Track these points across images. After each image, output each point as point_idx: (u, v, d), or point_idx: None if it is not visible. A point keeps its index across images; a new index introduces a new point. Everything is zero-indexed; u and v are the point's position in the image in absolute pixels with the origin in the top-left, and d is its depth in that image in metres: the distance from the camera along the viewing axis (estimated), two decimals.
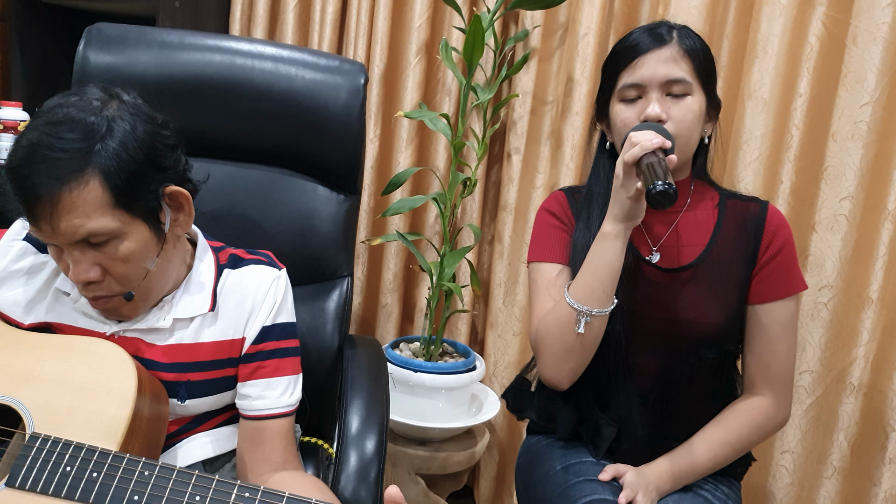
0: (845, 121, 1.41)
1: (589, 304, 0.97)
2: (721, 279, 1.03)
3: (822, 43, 1.42)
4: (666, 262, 1.05)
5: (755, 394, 1.06)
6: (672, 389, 1.04)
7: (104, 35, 1.20)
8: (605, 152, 1.10)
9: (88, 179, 0.77)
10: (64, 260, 0.83)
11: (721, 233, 1.05)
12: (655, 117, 0.98)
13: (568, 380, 1.03)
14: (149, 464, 0.77)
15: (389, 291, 1.93)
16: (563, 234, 1.09)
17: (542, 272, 1.08)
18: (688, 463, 1.02)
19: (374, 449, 1.05)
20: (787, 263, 1.05)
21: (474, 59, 1.57)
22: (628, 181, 0.92)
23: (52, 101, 0.82)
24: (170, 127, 0.87)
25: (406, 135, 1.86)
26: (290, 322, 0.98)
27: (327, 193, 1.26)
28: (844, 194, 1.42)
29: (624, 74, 1.01)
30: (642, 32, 1.02)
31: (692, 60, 1.00)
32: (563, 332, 0.99)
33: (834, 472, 1.45)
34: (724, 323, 1.02)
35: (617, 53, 1.04)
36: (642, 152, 0.90)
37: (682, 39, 1.00)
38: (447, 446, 1.67)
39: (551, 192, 1.17)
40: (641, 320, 1.02)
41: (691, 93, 1.00)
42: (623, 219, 0.95)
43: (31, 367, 0.84)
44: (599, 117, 1.10)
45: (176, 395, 0.92)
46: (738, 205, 1.08)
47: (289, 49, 1.25)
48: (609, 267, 0.97)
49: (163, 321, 0.91)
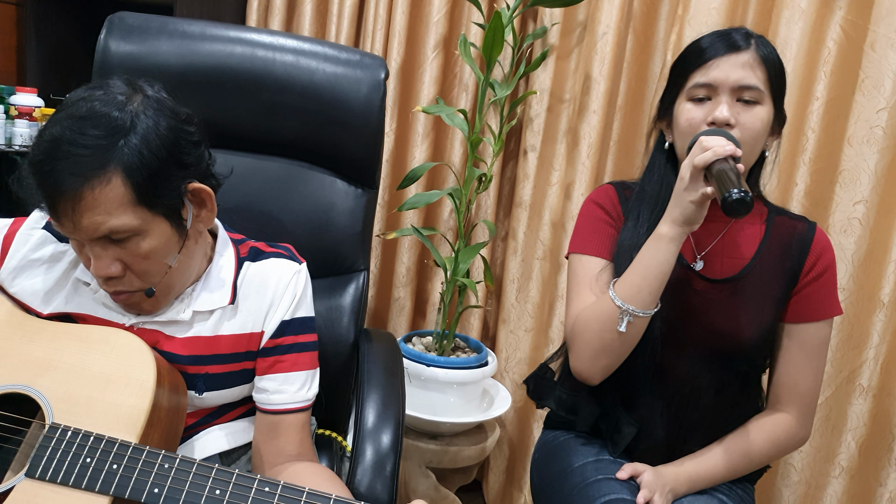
0: (861, 125, 1.41)
1: (634, 303, 0.96)
2: (761, 294, 1.03)
3: (840, 47, 1.42)
4: (709, 271, 1.04)
5: (779, 410, 1.06)
6: (698, 397, 1.04)
7: (126, 24, 1.20)
8: (663, 152, 1.07)
9: (111, 177, 0.77)
10: (85, 254, 0.83)
11: (766, 248, 1.05)
12: (724, 121, 0.96)
13: (600, 376, 1.03)
14: (168, 456, 0.77)
15: (402, 285, 1.94)
16: (610, 230, 1.08)
17: (585, 265, 1.07)
18: (706, 469, 1.03)
19: (390, 443, 1.05)
20: (828, 287, 1.04)
21: (493, 55, 1.57)
22: (694, 185, 0.90)
23: (75, 94, 0.81)
24: (194, 122, 0.86)
25: (422, 129, 1.86)
26: (309, 316, 0.98)
27: (346, 187, 1.26)
28: (858, 198, 1.42)
29: (696, 74, 0.99)
30: (717, 36, 1.00)
31: (767, 69, 0.98)
32: (603, 329, 0.99)
33: (841, 471, 1.46)
34: (758, 338, 1.02)
35: (690, 53, 1.02)
36: (714, 157, 0.88)
37: (759, 47, 0.98)
38: (458, 441, 1.67)
39: (599, 185, 1.16)
40: (678, 326, 1.02)
41: (762, 102, 0.98)
42: (682, 223, 0.93)
43: (51, 357, 0.83)
44: (661, 116, 1.08)
45: (194, 388, 0.92)
46: (786, 222, 1.08)
47: (310, 42, 1.25)
48: (660, 269, 0.95)
49: (183, 314, 0.91)
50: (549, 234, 1.79)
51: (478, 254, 1.73)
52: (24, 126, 1.98)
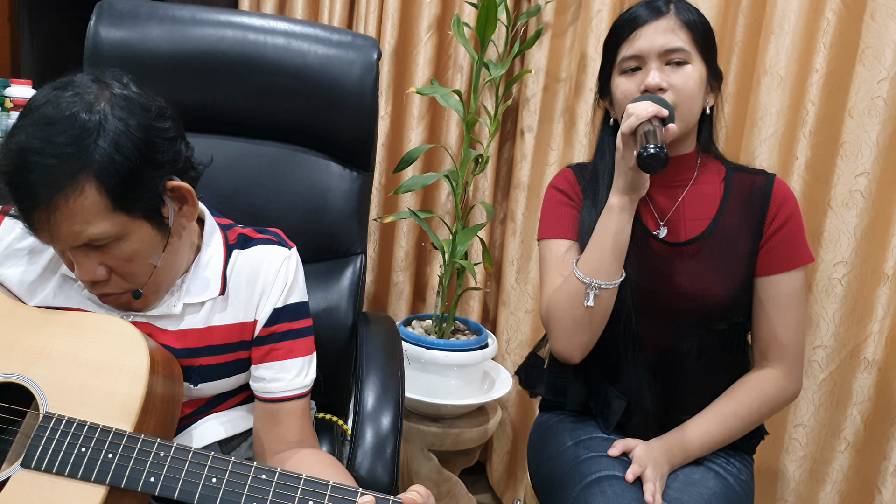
0: (862, 96, 1.39)
1: (597, 276, 0.98)
2: (727, 252, 1.04)
3: (839, 18, 1.40)
4: (673, 236, 1.06)
5: (765, 366, 1.06)
6: (682, 363, 1.05)
7: (115, 10, 1.19)
8: (608, 129, 1.10)
9: (84, 185, 0.73)
10: (67, 257, 0.81)
11: (727, 206, 1.06)
12: (655, 86, 0.98)
13: (579, 353, 1.04)
14: (164, 445, 0.77)
15: (401, 269, 1.94)
16: (572, 211, 1.10)
17: (552, 249, 1.09)
18: (698, 436, 1.03)
19: (390, 425, 1.06)
20: (794, 235, 1.05)
21: (487, 34, 1.56)
22: (628, 152, 0.94)
23: (41, 95, 0.76)
24: (167, 115, 0.82)
25: (417, 111, 1.85)
26: (302, 301, 0.97)
27: (340, 170, 1.25)
28: (860, 170, 1.41)
29: (623, 47, 1.02)
30: (640, 6, 1.02)
31: (690, 31, 1.00)
32: (573, 306, 1.00)
33: (847, 446, 1.46)
34: (731, 295, 1.03)
35: (615, 28, 1.05)
36: (638, 121, 0.91)
37: (680, 12, 1.01)
38: (460, 423, 1.68)
39: (560, 170, 1.17)
40: (650, 294, 1.03)
41: (690, 61, 1.00)
42: (627, 190, 0.96)
43: (43, 345, 0.82)
44: (602, 94, 1.10)
45: (189, 380, 0.91)
46: (745, 178, 1.08)
47: (301, 24, 1.24)
48: (616, 239, 0.98)
49: (173, 307, 0.89)
50: None
51: (476, 236, 1.72)
52: None
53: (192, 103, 1.17)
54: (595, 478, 0.98)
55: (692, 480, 1.01)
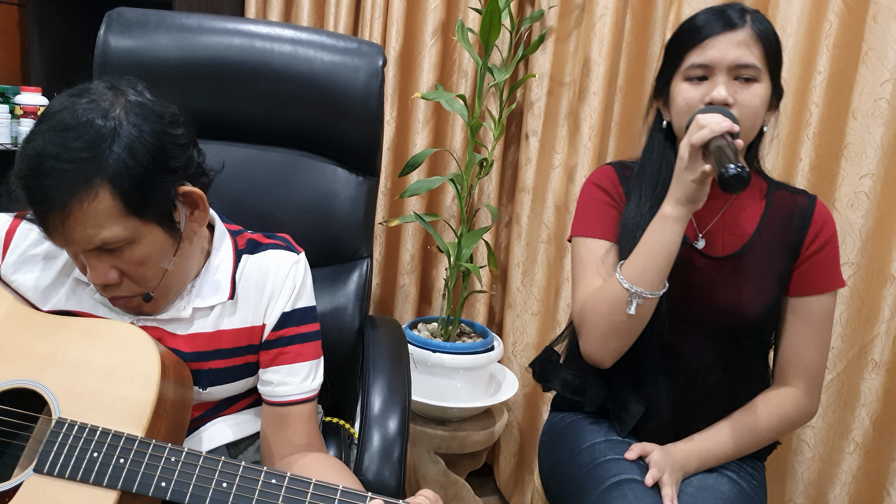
0: (865, 98, 1.39)
1: (642, 285, 0.96)
2: (763, 269, 1.03)
3: (842, 20, 1.40)
4: (711, 248, 1.04)
5: (786, 385, 1.06)
6: (705, 375, 1.04)
7: (124, 19, 1.20)
8: (661, 131, 1.07)
9: (98, 190, 0.75)
10: (80, 260, 0.82)
11: (766, 223, 1.05)
12: (722, 100, 0.95)
13: (611, 359, 1.03)
14: (175, 450, 0.77)
15: (407, 272, 1.95)
16: (613, 211, 1.07)
17: (589, 248, 1.07)
18: (714, 446, 1.03)
19: (397, 429, 1.06)
20: (830, 259, 1.04)
21: (490, 39, 1.57)
22: (694, 164, 0.90)
23: (57, 102, 0.78)
24: (180, 122, 0.84)
25: (422, 116, 1.86)
26: (309, 306, 0.98)
27: (346, 175, 1.26)
28: (865, 171, 1.41)
29: (692, 54, 0.99)
30: (712, 14, 0.99)
31: (763, 46, 0.97)
32: (612, 312, 0.98)
33: (856, 447, 1.45)
34: (763, 312, 1.02)
35: (684, 32, 1.01)
36: (711, 135, 0.87)
37: (755, 23, 0.97)
38: (466, 426, 1.68)
39: (599, 167, 1.15)
40: (683, 304, 1.01)
41: (759, 79, 0.97)
42: (685, 202, 0.93)
43: (55, 351, 0.83)
44: (657, 95, 1.07)
45: (198, 383, 0.92)
46: (786, 196, 1.07)
47: (307, 31, 1.25)
48: (666, 250, 0.95)
49: (183, 311, 0.91)
50: (552, 217, 1.78)
51: (481, 238, 1.73)
52: (30, 125, 2.00)
53: (199, 110, 1.18)
54: (615, 481, 0.98)
55: (706, 485, 1.01)
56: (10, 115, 1.99)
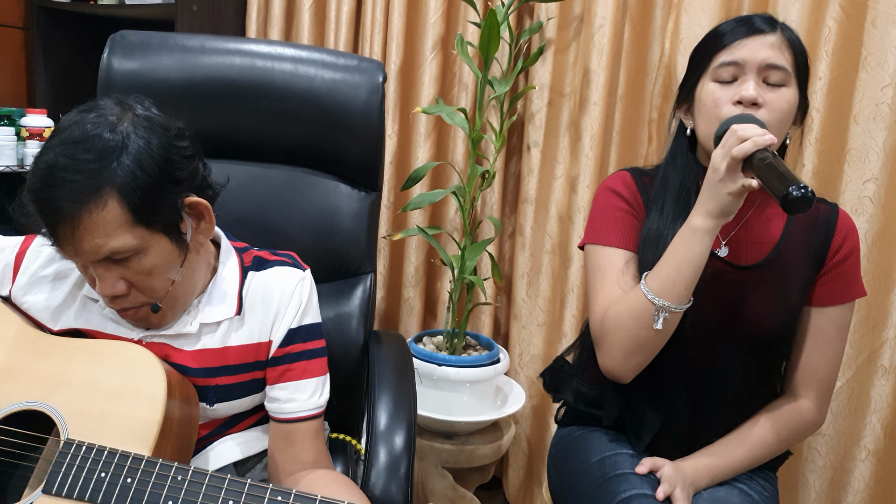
0: (867, 103, 1.40)
1: (669, 298, 0.92)
2: (786, 279, 1.01)
3: (841, 25, 1.40)
4: (734, 257, 1.02)
5: (798, 396, 1.05)
6: (722, 387, 1.03)
7: (127, 42, 1.21)
8: (684, 138, 1.04)
9: (107, 200, 0.77)
10: (90, 273, 0.84)
11: (790, 232, 1.03)
12: (751, 99, 0.93)
13: (633, 373, 1.00)
14: (181, 468, 0.78)
15: (411, 286, 1.95)
16: (631, 220, 1.04)
17: (607, 257, 1.03)
18: (725, 460, 1.01)
19: (403, 444, 1.06)
20: (853, 268, 1.03)
21: (490, 52, 1.58)
22: (732, 176, 0.86)
23: (67, 119, 0.81)
24: (186, 136, 0.86)
25: (424, 130, 1.87)
26: (316, 322, 0.98)
27: (349, 191, 1.27)
28: (868, 176, 1.41)
29: (721, 54, 0.96)
30: (738, 22, 0.97)
31: (794, 53, 0.96)
32: (638, 326, 0.95)
33: (868, 454, 1.44)
34: (784, 324, 1.01)
35: (714, 35, 0.99)
36: (755, 148, 0.84)
37: (786, 30, 0.96)
38: (473, 439, 1.68)
39: (614, 172, 1.12)
40: (705, 314, 0.99)
41: (788, 84, 0.95)
42: (718, 214, 0.90)
43: (63, 373, 0.85)
44: (679, 103, 1.05)
45: (205, 399, 0.92)
46: None
47: (307, 50, 1.26)
48: (694, 262, 0.92)
49: (190, 326, 0.91)
50: (556, 227, 1.78)
51: (484, 250, 1.73)
52: (35, 147, 2.02)
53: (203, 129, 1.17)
54: (626, 496, 0.96)
55: (717, 497, 1.00)
56: (16, 137, 2.00)
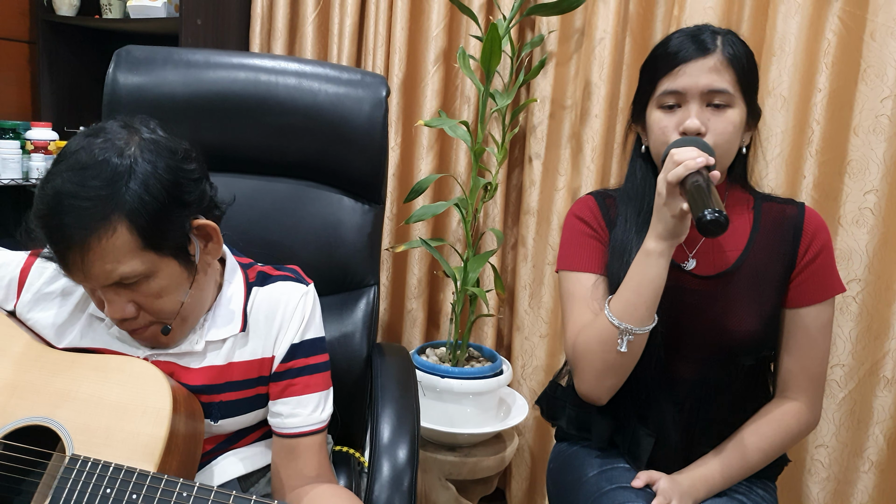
0: (866, 115, 1.40)
1: (631, 321, 0.95)
2: (758, 284, 1.02)
3: (840, 38, 1.41)
4: (702, 268, 1.03)
5: (788, 398, 1.05)
6: (709, 397, 1.03)
7: (133, 57, 1.22)
8: (640, 155, 1.07)
9: (116, 226, 0.77)
10: (98, 296, 0.84)
11: (757, 237, 1.04)
12: (695, 130, 0.95)
13: (607, 395, 1.02)
14: (187, 485, 0.78)
15: (414, 297, 1.95)
16: (596, 243, 1.07)
17: (575, 282, 1.06)
18: (720, 470, 1.02)
19: (407, 457, 1.06)
20: (826, 266, 1.03)
21: (492, 66, 1.59)
22: (672, 200, 0.89)
23: (73, 143, 0.80)
24: (193, 157, 0.86)
25: (426, 142, 1.88)
26: (318, 337, 0.98)
27: (352, 204, 1.28)
28: (869, 188, 1.41)
29: (664, 81, 0.99)
30: (685, 38, 0.98)
31: (735, 70, 0.97)
32: (605, 350, 0.98)
33: (871, 466, 1.44)
34: (761, 329, 1.01)
35: (658, 58, 1.01)
36: (686, 172, 0.87)
37: (726, 47, 0.97)
38: (476, 451, 1.68)
39: (580, 197, 1.15)
40: (679, 329, 1.01)
41: (733, 104, 0.97)
42: (668, 237, 0.92)
43: (69, 388, 0.85)
44: (635, 119, 1.07)
45: (209, 416, 0.93)
46: (774, 207, 1.06)
47: (311, 64, 1.27)
48: (652, 285, 0.94)
49: (196, 345, 0.92)
50: (558, 239, 1.79)
51: (487, 262, 1.74)
52: (41, 160, 2.03)
53: (207, 143, 1.19)
54: None
55: None
56: (21, 150, 2.02)
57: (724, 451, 1.03)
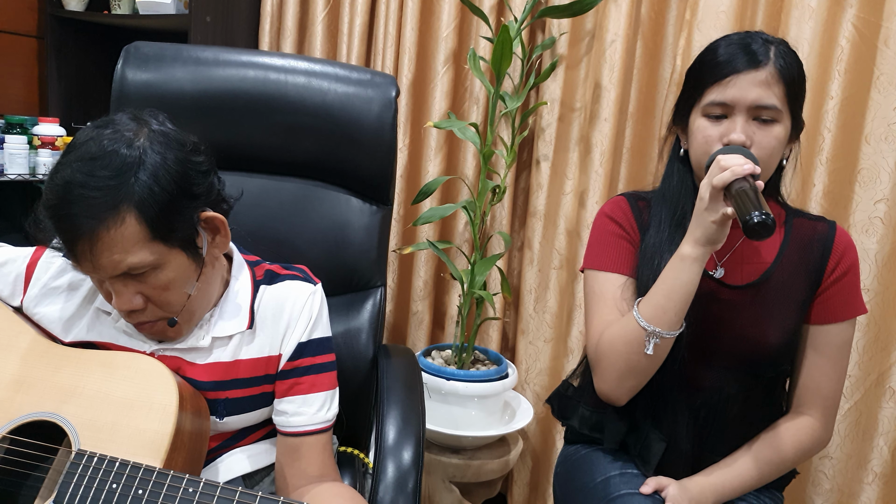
0: (878, 123, 1.39)
1: (660, 325, 0.95)
2: (784, 298, 1.01)
3: (853, 45, 1.41)
4: (730, 278, 1.03)
5: (802, 414, 1.05)
6: (725, 406, 1.03)
7: (141, 53, 1.22)
8: (679, 158, 1.06)
9: (124, 216, 0.77)
10: (105, 288, 0.84)
11: (786, 251, 1.04)
12: (740, 143, 0.94)
13: (626, 397, 1.02)
14: (193, 480, 0.78)
15: (420, 299, 1.95)
16: (626, 245, 1.06)
17: (602, 282, 1.06)
18: (731, 479, 1.01)
19: (412, 459, 1.05)
20: (852, 286, 1.03)
21: (502, 68, 1.58)
22: (714, 205, 0.89)
23: (82, 135, 0.81)
24: (201, 150, 0.87)
25: (435, 144, 1.88)
26: (325, 337, 0.98)
27: (360, 205, 1.27)
28: (879, 196, 1.41)
29: (712, 91, 0.97)
30: (736, 48, 0.96)
31: (785, 84, 0.95)
32: (630, 351, 0.97)
33: (875, 477, 1.43)
34: (782, 343, 1.01)
35: (707, 65, 0.99)
36: (733, 177, 0.87)
37: (778, 59, 0.95)
38: (481, 454, 1.67)
39: (612, 197, 1.15)
40: (703, 336, 1.00)
41: (779, 120, 0.96)
42: (705, 242, 0.92)
43: (75, 384, 0.85)
44: (677, 122, 1.06)
45: (215, 413, 0.93)
46: (805, 224, 1.06)
47: (321, 63, 1.27)
48: (684, 290, 0.94)
49: (202, 340, 0.91)
50: (564, 242, 1.78)
51: (494, 265, 1.73)
52: (48, 155, 2.03)
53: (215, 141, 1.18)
54: None
55: None
56: (28, 145, 2.02)
57: (735, 461, 1.03)
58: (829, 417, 1.05)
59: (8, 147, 1.97)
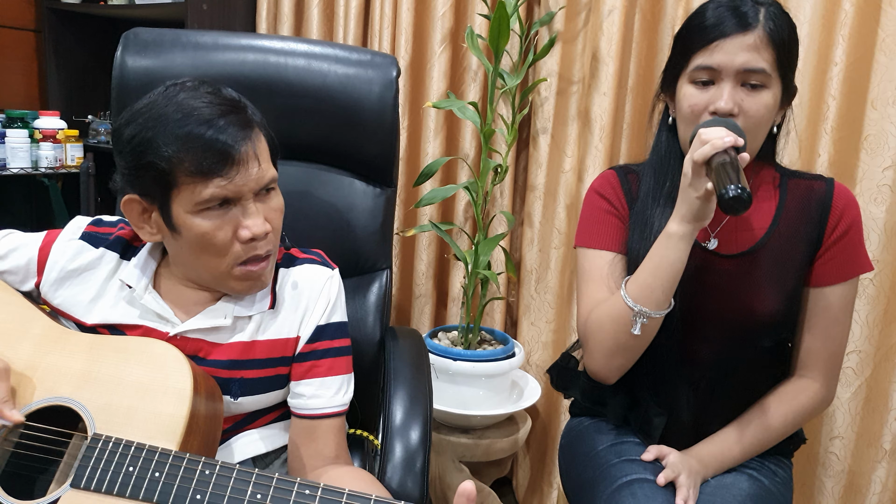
0: (885, 86, 1.36)
1: (647, 304, 0.93)
2: (782, 263, 0.99)
3: (858, 8, 1.38)
4: (724, 248, 1.02)
5: (804, 376, 1.04)
6: (724, 378, 1.02)
7: (141, 39, 1.21)
8: (667, 127, 1.04)
9: (258, 133, 0.88)
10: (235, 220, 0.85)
11: (783, 215, 1.01)
12: (726, 112, 0.92)
13: (615, 375, 1.01)
14: (209, 463, 0.78)
15: (423, 281, 1.95)
16: (615, 221, 1.05)
17: (592, 259, 1.05)
18: (731, 447, 1.01)
19: (419, 439, 1.06)
20: (854, 244, 1.00)
21: (500, 45, 1.57)
22: (697, 180, 0.87)
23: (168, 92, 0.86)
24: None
25: (434, 124, 1.87)
26: (342, 321, 0.99)
27: (364, 187, 1.27)
28: (887, 163, 1.38)
29: (699, 55, 0.94)
30: (725, 10, 0.93)
31: (775, 48, 0.92)
32: (617, 330, 0.96)
33: (884, 455, 1.41)
34: (783, 309, 0.99)
35: (695, 28, 0.96)
36: (713, 151, 0.85)
37: (768, 21, 0.92)
38: (489, 433, 1.68)
39: (602, 172, 1.13)
40: (698, 308, 0.99)
41: (768, 85, 0.93)
42: (691, 219, 0.90)
43: (90, 369, 0.85)
44: (665, 89, 1.04)
45: (229, 393, 0.93)
46: (802, 184, 1.03)
47: (320, 45, 1.25)
48: (672, 269, 0.92)
49: (224, 319, 0.92)
50: (564, 219, 1.77)
51: (497, 245, 1.73)
52: (49, 149, 2.03)
53: None
54: (626, 481, 0.97)
55: (724, 483, 1.00)
56: (30, 139, 2.01)
57: (737, 428, 1.03)
58: (832, 378, 1.04)
59: (9, 141, 1.97)
